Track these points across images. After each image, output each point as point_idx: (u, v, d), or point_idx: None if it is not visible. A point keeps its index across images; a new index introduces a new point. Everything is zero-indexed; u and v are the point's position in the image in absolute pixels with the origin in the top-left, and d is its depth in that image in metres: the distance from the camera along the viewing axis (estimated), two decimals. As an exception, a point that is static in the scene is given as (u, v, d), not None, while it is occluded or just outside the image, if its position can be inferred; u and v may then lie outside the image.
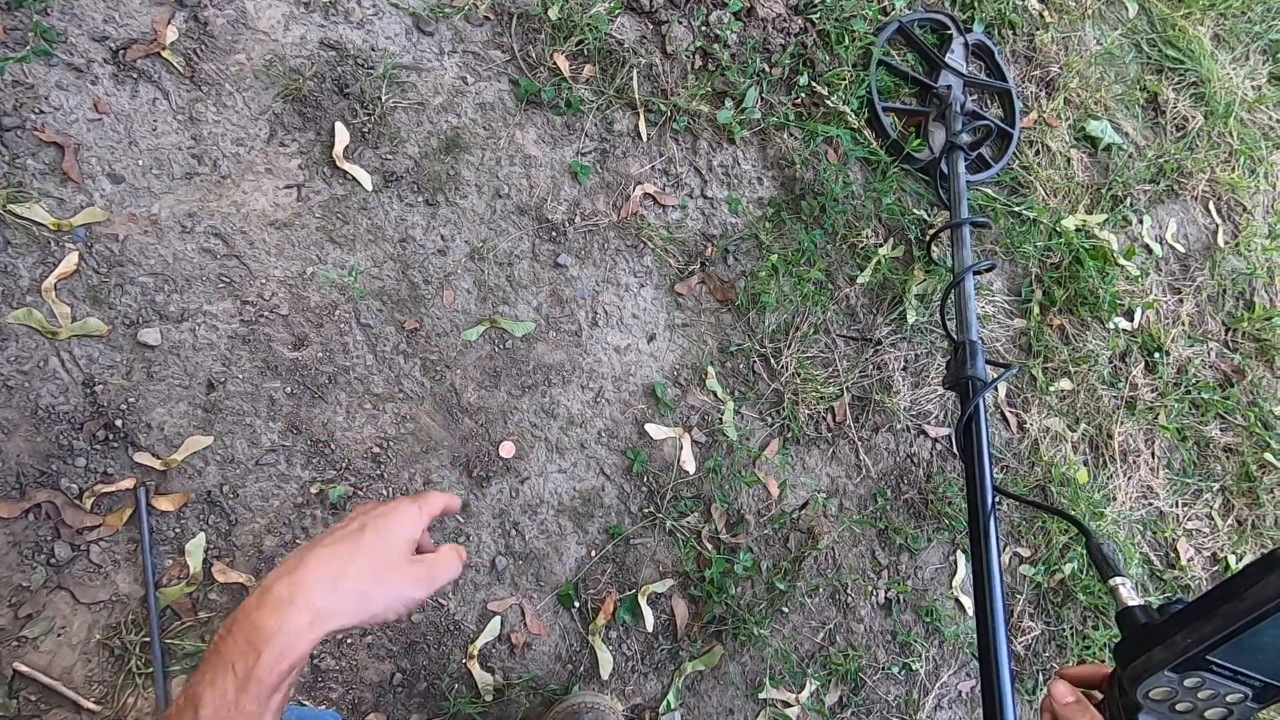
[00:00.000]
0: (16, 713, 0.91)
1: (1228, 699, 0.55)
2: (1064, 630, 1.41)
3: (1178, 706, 0.57)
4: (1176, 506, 1.57)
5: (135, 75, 1.13)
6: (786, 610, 1.24)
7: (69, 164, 1.07)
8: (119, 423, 1.03)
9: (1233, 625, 0.52)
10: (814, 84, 1.47)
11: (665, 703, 1.15)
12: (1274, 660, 0.53)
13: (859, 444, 1.36)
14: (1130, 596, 0.68)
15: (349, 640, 1.05)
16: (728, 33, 1.44)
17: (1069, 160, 1.69)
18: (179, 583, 1.01)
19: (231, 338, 1.09)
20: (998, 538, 0.95)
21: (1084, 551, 1.40)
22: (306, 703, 1.02)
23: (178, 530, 1.03)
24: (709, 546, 1.22)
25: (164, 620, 1.00)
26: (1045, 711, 0.66)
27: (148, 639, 0.98)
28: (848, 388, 1.37)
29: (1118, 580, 0.71)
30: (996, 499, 0.98)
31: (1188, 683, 0.55)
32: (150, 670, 0.97)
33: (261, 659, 0.46)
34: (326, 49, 1.23)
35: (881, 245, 1.47)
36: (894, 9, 1.59)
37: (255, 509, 1.05)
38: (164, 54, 1.14)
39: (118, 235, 1.08)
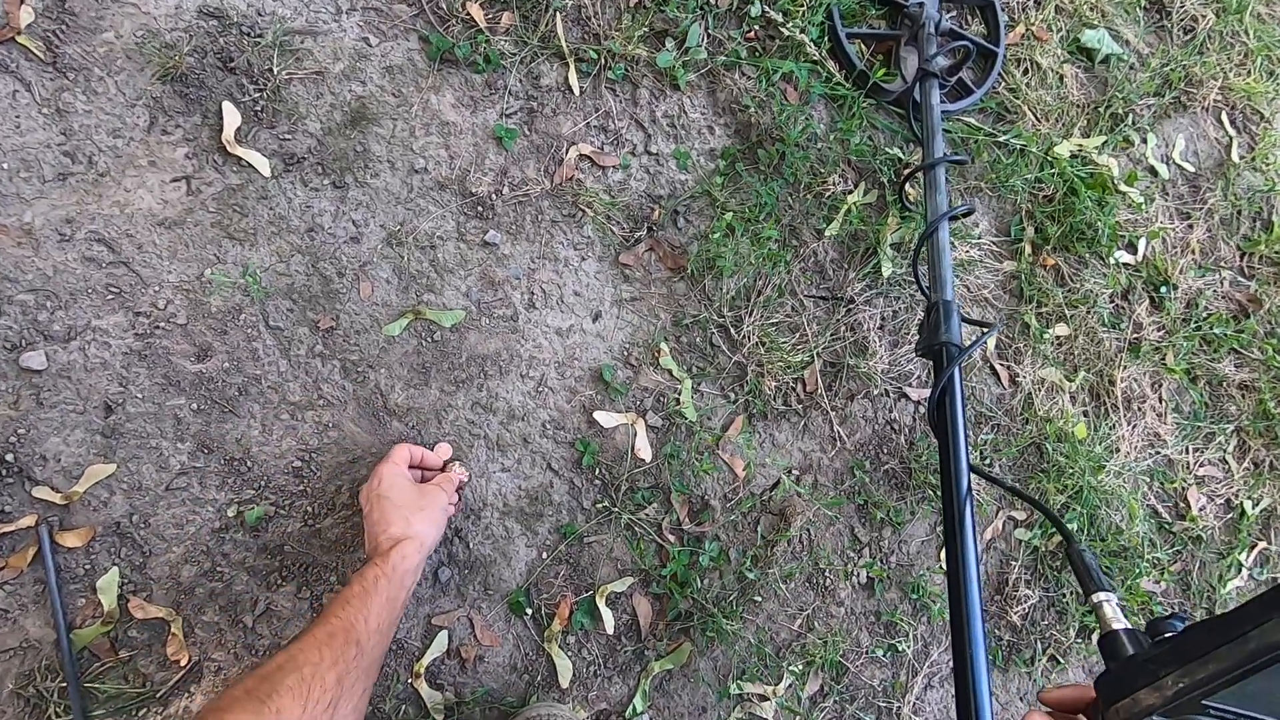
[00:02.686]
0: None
1: None
2: (1064, 596, 1.36)
3: None
4: (1186, 453, 1.50)
5: (-10, 66, 1.03)
6: (759, 599, 1.19)
7: (-77, 174, 0.99)
8: (10, 457, 0.97)
9: (1235, 670, 0.47)
10: (767, 11, 1.35)
11: (632, 706, 1.12)
12: None
13: (833, 414, 1.29)
14: (1115, 618, 0.63)
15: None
16: (665, -38, 1.31)
17: (1061, 78, 1.56)
18: (94, 622, 0.98)
19: (126, 354, 1.03)
20: (975, 523, 0.88)
21: (1085, 512, 1.34)
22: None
23: (88, 566, 0.99)
24: (671, 539, 1.17)
25: (82, 663, 0.96)
26: None
27: (65, 684, 0.95)
28: (818, 354, 1.29)
29: (1102, 596, 0.66)
30: (972, 480, 0.91)
31: None
32: (70, 717, 0.94)
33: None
34: (206, 18, 1.13)
35: (851, 192, 1.37)
36: (856, -82, 1.45)
37: (169, 538, 1.01)
38: (20, 39, 1.05)
39: (-12, 250, 1.00)
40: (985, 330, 1.03)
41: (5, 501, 0.97)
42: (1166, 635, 0.56)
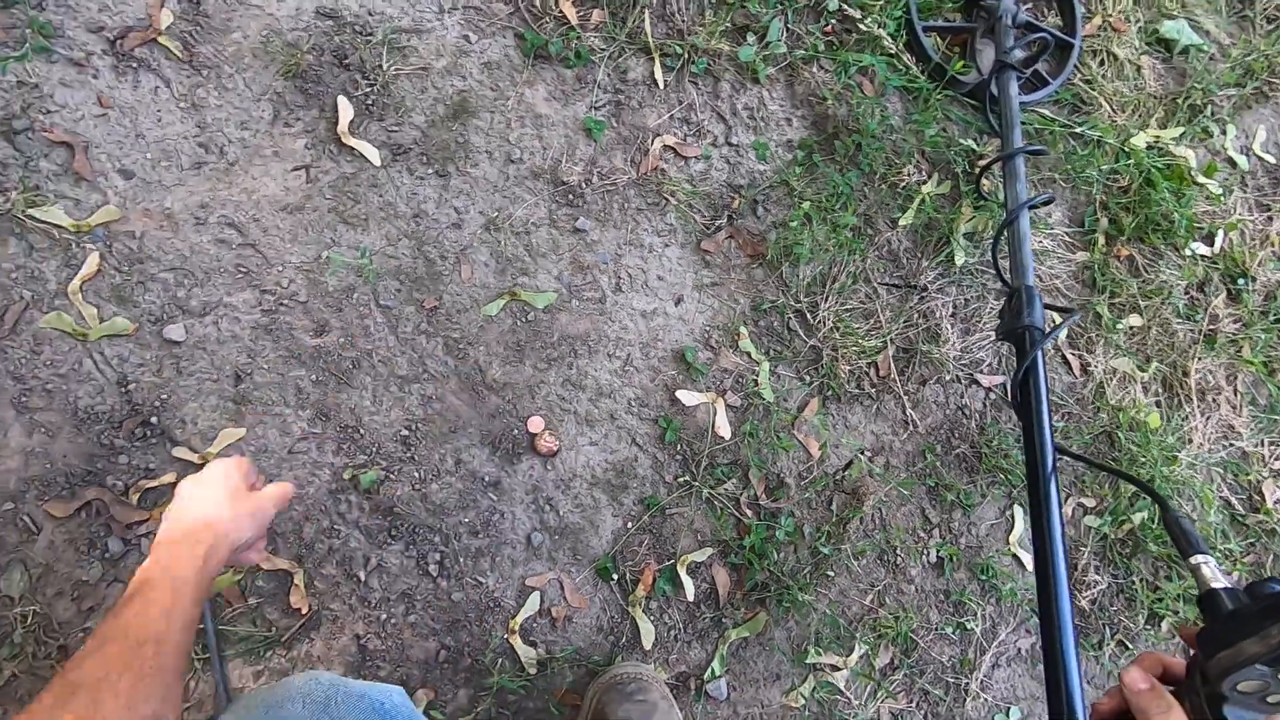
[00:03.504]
0: (89, 699, 1.00)
1: None
2: (1133, 583, 1.38)
3: (1270, 699, 0.55)
4: (1262, 445, 1.50)
5: (135, 65, 1.15)
6: (832, 574, 1.25)
7: (80, 163, 1.10)
8: (155, 419, 1.08)
9: None
10: (845, 7, 1.39)
11: (710, 670, 1.18)
12: None
13: (905, 398, 1.33)
14: (1214, 577, 0.65)
15: (393, 621, 1.10)
16: (747, -41, 1.37)
17: (1139, 69, 1.57)
18: (228, 571, 1.07)
19: (254, 328, 1.13)
20: (1059, 502, 0.92)
21: (1160, 518, 1.36)
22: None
23: (221, 521, 1.08)
24: (748, 513, 1.23)
25: (216, 607, 1.06)
26: (1113, 696, 0.64)
27: (202, 626, 1.05)
28: (891, 339, 1.34)
29: (1200, 558, 0.67)
30: (1058, 459, 0.95)
31: None
32: (207, 656, 1.04)
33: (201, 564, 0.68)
34: (322, 18, 1.23)
35: (925, 182, 1.41)
36: (933, -87, 1.48)
37: (292, 498, 1.10)
38: (161, 39, 1.16)
39: (134, 232, 1.11)
40: (1067, 315, 1.06)
41: (150, 460, 1.08)
42: (1267, 593, 0.58)
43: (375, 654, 1.10)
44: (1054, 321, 1.42)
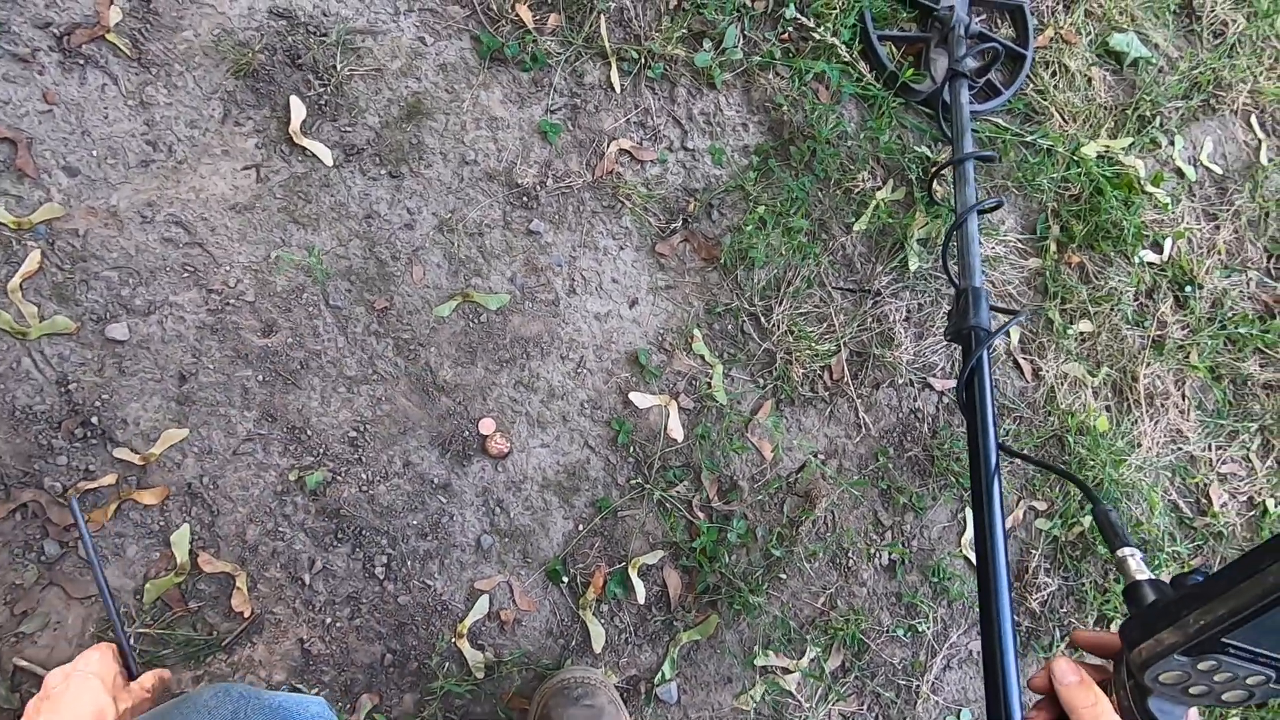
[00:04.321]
0: (19, 705, 0.98)
1: (1248, 681, 0.53)
2: (1083, 585, 1.41)
3: (1191, 690, 0.54)
4: (1209, 450, 1.54)
5: (82, 61, 1.14)
6: (784, 577, 1.26)
7: (23, 159, 1.09)
8: (95, 420, 1.07)
9: (1254, 605, 0.48)
10: (800, 15, 1.42)
11: (660, 674, 1.19)
12: None
13: (858, 402, 1.35)
14: (1139, 569, 0.65)
15: (338, 624, 1.10)
16: (703, -34, 1.39)
17: (1090, 80, 1.61)
18: (168, 574, 1.07)
19: (200, 328, 1.12)
20: (1002, 501, 0.94)
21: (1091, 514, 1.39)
22: (300, 687, 1.08)
23: (162, 523, 1.08)
24: (700, 515, 1.24)
25: (156, 611, 1.05)
26: (1038, 690, 0.63)
27: (144, 629, 1.04)
28: (845, 343, 1.36)
29: (1126, 551, 0.67)
30: (1001, 458, 0.97)
31: (1202, 666, 0.53)
32: (145, 660, 1.03)
33: None
34: (275, 18, 1.23)
35: (880, 188, 1.44)
36: (889, -75, 1.52)
37: (236, 498, 1.10)
38: (109, 37, 1.15)
39: (78, 230, 1.10)
40: (1013, 315, 1.08)
41: (90, 461, 1.07)
42: (1188, 584, 0.57)
43: (319, 658, 1.09)
44: (1001, 322, 1.45)
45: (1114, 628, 1.40)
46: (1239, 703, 0.54)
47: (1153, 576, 0.63)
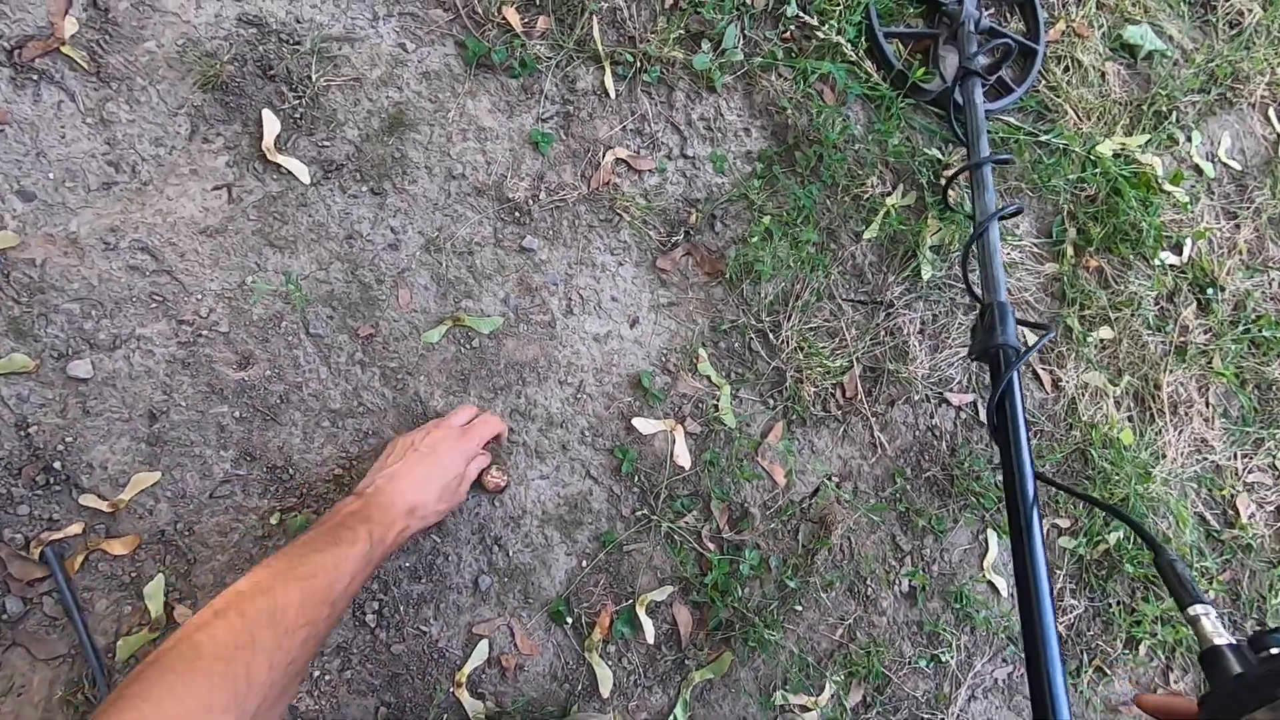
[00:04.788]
0: (-20, 782, 0.91)
1: None
2: (1110, 605, 1.35)
3: None
4: (1235, 459, 1.49)
5: (35, 77, 1.06)
6: (800, 608, 1.19)
7: (-28, 185, 1.01)
8: (58, 465, 1.00)
9: None
10: (802, 13, 1.35)
11: (672, 716, 1.12)
12: None
13: (873, 420, 1.29)
14: (1216, 632, 0.61)
15: (327, 678, 1.03)
16: (700, -37, 1.31)
17: (1104, 75, 1.55)
18: (141, 629, 0.99)
19: (170, 362, 1.05)
20: (1042, 533, 0.88)
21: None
22: (287, 746, 1.00)
23: (134, 574, 1.01)
24: (711, 547, 1.17)
25: (129, 669, 0.98)
26: None
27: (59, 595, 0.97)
28: (858, 358, 1.29)
29: (1199, 609, 0.63)
30: (1038, 487, 0.90)
31: None
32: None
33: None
34: (245, 26, 1.15)
35: (889, 194, 1.37)
36: (893, -85, 1.45)
37: (213, 545, 1.03)
38: (65, 49, 1.07)
39: (35, 260, 1.03)
40: (1042, 333, 1.02)
41: (54, 509, 0.99)
42: (1273, 651, 0.54)
43: (308, 714, 1.02)
44: (1027, 339, 1.39)
45: (1143, 649, 1.34)
46: None
47: (1233, 640, 0.59)
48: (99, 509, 1.00)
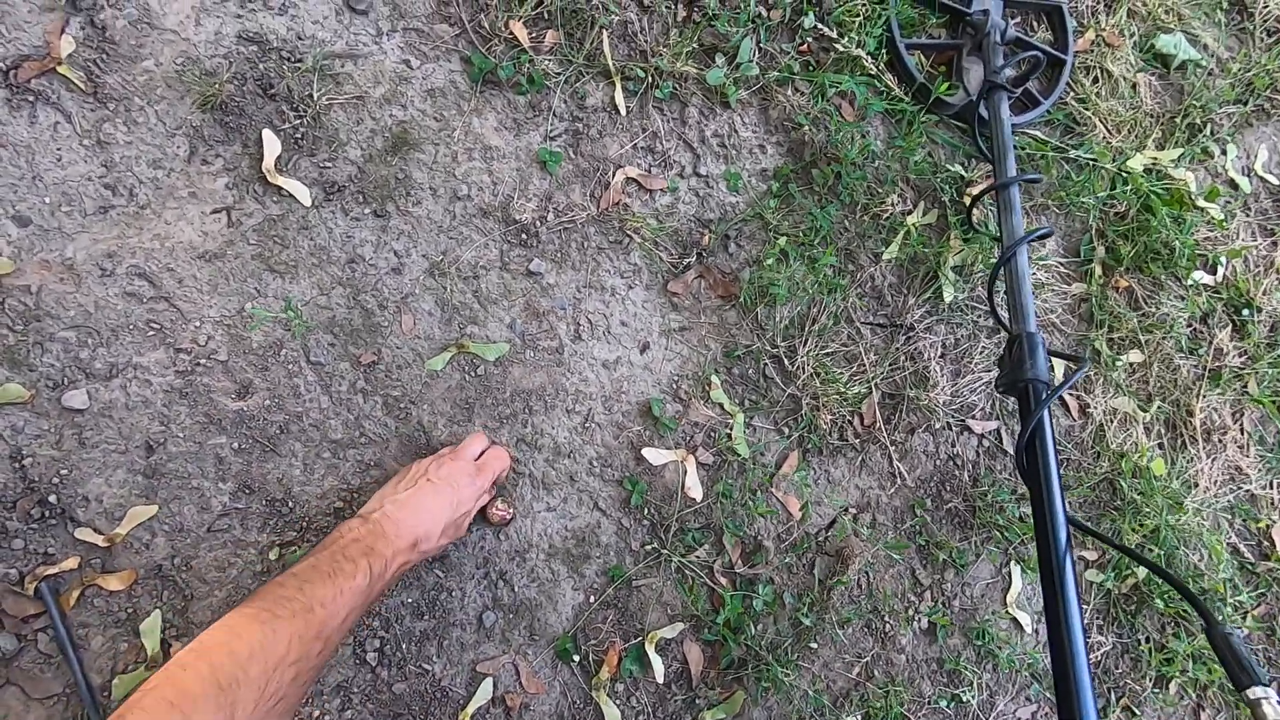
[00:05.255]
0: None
1: None
2: (1139, 642, 1.30)
3: None
4: (1271, 488, 1.43)
5: (31, 98, 1.04)
6: (815, 646, 1.15)
7: (-33, 210, 0.99)
8: (53, 498, 0.97)
9: None
10: (821, 25, 1.30)
11: (682, 758, 1.08)
12: None
13: (892, 449, 1.24)
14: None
15: (326, 718, 1.00)
16: (715, -27, 1.27)
17: (1135, 86, 1.49)
18: (138, 667, 0.97)
19: (167, 392, 1.02)
20: (1076, 580, 0.83)
21: (1163, 553, 1.28)
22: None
23: (130, 610, 0.98)
24: (723, 582, 1.13)
25: (124, 709, 0.95)
26: None
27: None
28: (876, 384, 1.25)
29: (1260, 692, 0.59)
30: (1071, 533, 0.86)
31: None
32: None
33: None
34: (245, 43, 1.12)
35: (910, 212, 1.33)
36: (915, -78, 1.39)
37: (211, 580, 1.00)
38: (61, 69, 1.05)
39: (30, 286, 1.00)
40: (1077, 365, 0.97)
41: (49, 544, 0.97)
42: None
43: (306, 757, 0.99)
44: (1058, 370, 1.34)
45: (1173, 688, 1.29)
46: None
47: None
48: (95, 543, 0.98)
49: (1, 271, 1.01)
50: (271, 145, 1.11)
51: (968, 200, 1.31)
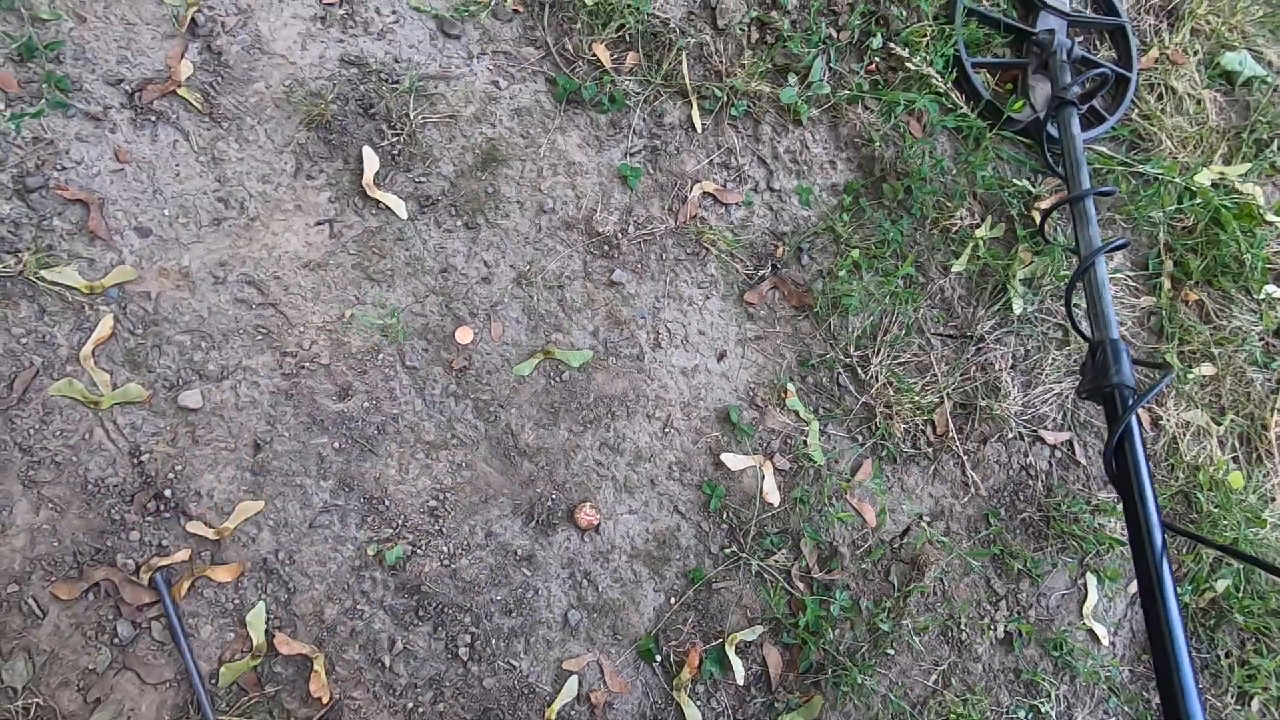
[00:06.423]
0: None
1: None
2: (1218, 657, 1.27)
3: None
4: (1350, 504, 1.39)
5: (153, 118, 1.10)
6: (892, 652, 1.15)
7: (95, 221, 1.06)
8: (168, 492, 1.02)
9: None
10: (890, 45, 1.33)
11: (762, 761, 1.09)
12: None
13: (965, 458, 1.25)
14: None
15: (420, 710, 1.02)
16: (786, -4, 1.31)
17: (1200, 102, 1.49)
18: (244, 656, 1.00)
19: (274, 393, 1.07)
20: (1174, 584, 0.83)
21: (1241, 568, 1.26)
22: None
23: (237, 601, 1.02)
24: (800, 586, 1.14)
25: (231, 696, 0.99)
26: None
27: (219, 716, 0.98)
28: (948, 394, 1.25)
29: None
30: (1168, 537, 0.85)
31: None
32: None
33: None
34: (347, 66, 1.18)
35: (978, 226, 1.34)
36: (979, -55, 1.42)
37: (313, 575, 1.04)
38: (180, 91, 1.12)
39: (150, 293, 1.06)
40: (1165, 373, 0.97)
41: (163, 536, 1.02)
42: None
43: (401, 748, 1.02)
44: (1142, 379, 1.33)
45: (1255, 705, 1.26)
46: None
47: None
48: (205, 536, 1.02)
49: (125, 279, 1.07)
50: (371, 161, 1.16)
51: (1038, 214, 1.32)
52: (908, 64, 1.32)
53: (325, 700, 1.01)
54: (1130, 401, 0.94)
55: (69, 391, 1.01)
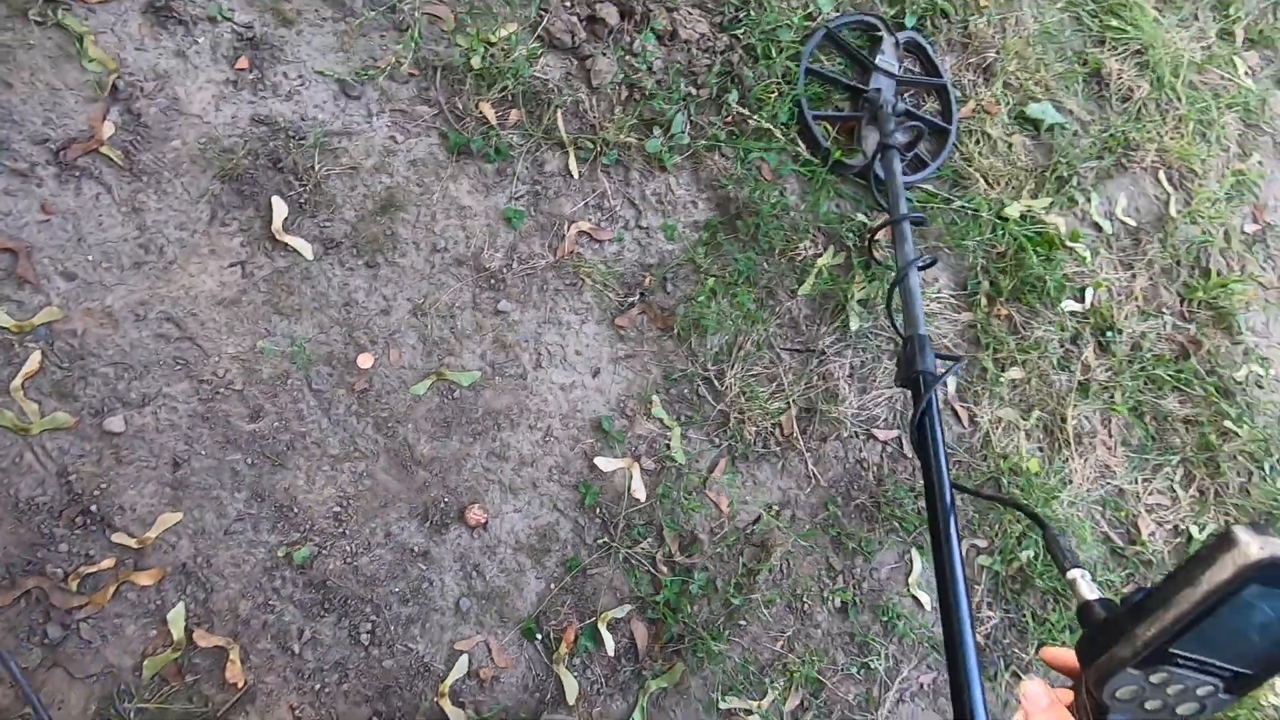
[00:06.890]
0: (27, 784, 1.04)
1: (1198, 692, 0.52)
2: (1023, 616, 1.51)
3: (1147, 705, 0.53)
4: (1136, 483, 1.65)
5: (78, 173, 1.23)
6: (744, 623, 1.34)
7: (23, 268, 1.18)
8: (94, 508, 1.14)
9: (1191, 613, 0.48)
10: (740, 106, 1.54)
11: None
12: (1239, 647, 0.50)
13: (808, 455, 1.45)
14: (1089, 589, 0.64)
15: (326, 690, 1.16)
16: (651, 59, 1.51)
17: (1010, 146, 1.75)
18: (165, 650, 1.13)
19: (191, 417, 1.20)
20: (958, 533, 1.02)
21: (1041, 540, 1.49)
22: (292, 751, 1.14)
23: (158, 602, 1.15)
24: (663, 569, 1.33)
25: (154, 686, 1.12)
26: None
27: (143, 704, 1.10)
28: (794, 401, 1.46)
29: (1076, 572, 0.67)
30: (954, 495, 1.05)
31: (1154, 679, 0.52)
32: None
33: None
34: (258, 125, 1.33)
35: (821, 254, 1.55)
36: (821, 14, 1.65)
37: (228, 575, 1.17)
38: (103, 149, 1.24)
39: (76, 330, 1.18)
40: (956, 360, 1.19)
41: (89, 547, 1.14)
42: (1135, 599, 0.57)
43: (310, 723, 1.16)
44: (944, 367, 1.57)
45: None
46: (1192, 716, 0.55)
47: (1102, 596, 0.64)
48: (129, 545, 1.15)
49: (52, 318, 1.19)
50: (280, 209, 1.31)
51: (867, 238, 1.54)
52: (752, 120, 1.54)
53: (240, 685, 1.14)
54: (930, 382, 1.16)
55: (0, 421, 1.13)
